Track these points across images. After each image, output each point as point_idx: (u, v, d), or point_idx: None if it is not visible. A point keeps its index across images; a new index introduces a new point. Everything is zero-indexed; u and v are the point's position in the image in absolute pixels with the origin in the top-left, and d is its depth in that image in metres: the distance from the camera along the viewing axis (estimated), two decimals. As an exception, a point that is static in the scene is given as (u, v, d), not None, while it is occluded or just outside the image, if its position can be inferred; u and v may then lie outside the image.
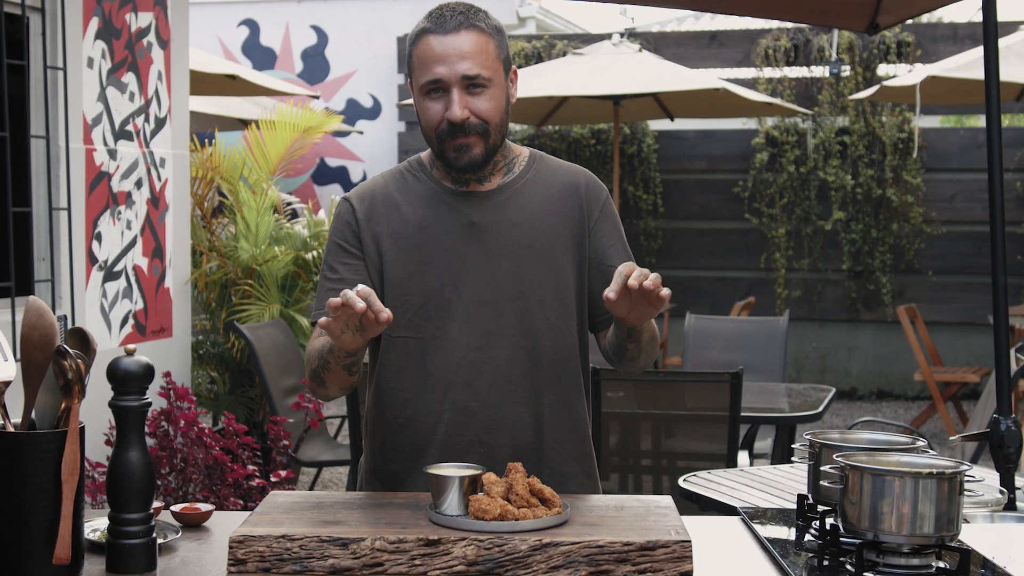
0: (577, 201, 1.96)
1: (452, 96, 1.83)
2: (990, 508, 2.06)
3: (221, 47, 9.96)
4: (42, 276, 4.10)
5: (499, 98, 1.87)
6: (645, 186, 8.93)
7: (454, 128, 1.84)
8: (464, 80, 1.83)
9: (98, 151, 4.35)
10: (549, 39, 9.35)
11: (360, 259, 1.92)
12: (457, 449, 1.88)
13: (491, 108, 1.86)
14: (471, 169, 1.88)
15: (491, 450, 1.88)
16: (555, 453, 1.92)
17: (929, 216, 8.49)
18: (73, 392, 1.53)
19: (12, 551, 1.49)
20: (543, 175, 1.97)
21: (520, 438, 1.89)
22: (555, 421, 1.92)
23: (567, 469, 1.93)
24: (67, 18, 4.10)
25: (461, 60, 1.83)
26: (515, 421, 1.89)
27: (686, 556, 1.51)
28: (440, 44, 1.84)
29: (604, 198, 1.99)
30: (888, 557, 1.53)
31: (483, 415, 1.89)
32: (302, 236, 5.90)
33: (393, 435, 1.93)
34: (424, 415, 1.90)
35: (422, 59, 1.86)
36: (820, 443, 1.74)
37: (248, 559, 1.51)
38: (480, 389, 1.88)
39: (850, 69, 8.58)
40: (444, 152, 1.87)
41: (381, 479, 1.95)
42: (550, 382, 1.91)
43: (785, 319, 5.50)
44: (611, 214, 1.99)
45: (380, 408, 1.95)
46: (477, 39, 1.85)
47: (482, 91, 1.85)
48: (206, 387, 5.75)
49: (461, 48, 1.83)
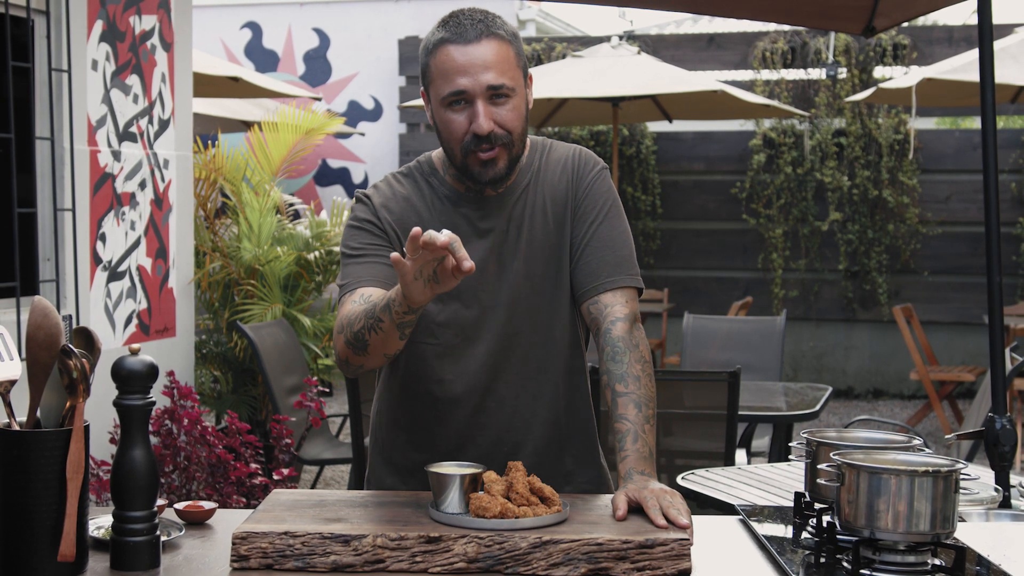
0: (565, 180, 1.92)
1: (477, 108, 1.78)
2: (985, 506, 2.06)
3: (224, 50, 9.98)
4: (47, 276, 4.11)
5: (521, 107, 1.84)
6: (644, 187, 8.95)
7: (479, 140, 1.79)
8: (489, 91, 1.78)
9: (102, 152, 4.37)
10: (549, 42, 9.36)
11: (385, 240, 1.88)
12: (481, 449, 1.90)
13: (515, 118, 1.82)
14: (495, 183, 1.84)
15: (514, 448, 1.90)
16: (574, 441, 1.95)
17: (925, 217, 8.52)
18: (78, 391, 1.54)
19: (17, 548, 1.49)
20: (546, 167, 1.94)
21: (541, 430, 1.92)
22: (571, 408, 1.95)
23: (590, 454, 1.97)
24: (71, 21, 4.12)
25: (485, 71, 1.78)
26: (534, 415, 1.91)
27: (684, 554, 1.52)
28: (462, 54, 1.78)
29: (593, 175, 1.93)
30: (884, 554, 1.53)
31: (503, 414, 1.90)
32: (304, 237, 5.92)
33: (409, 448, 1.94)
34: (444, 418, 1.90)
35: (443, 70, 1.80)
36: (817, 441, 1.74)
37: (251, 555, 1.52)
38: (498, 389, 1.90)
39: (847, 71, 8.60)
40: (468, 167, 1.82)
41: (397, 470, 1.96)
42: (563, 371, 1.93)
43: (782, 319, 5.51)
44: (598, 191, 1.92)
45: (395, 411, 1.95)
46: (499, 48, 1.80)
47: (506, 101, 1.80)
48: (209, 386, 5.77)
49: (484, 58, 1.78)
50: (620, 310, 1.86)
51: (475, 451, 1.90)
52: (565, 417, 1.94)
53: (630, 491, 1.65)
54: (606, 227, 1.91)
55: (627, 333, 1.84)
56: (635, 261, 1.94)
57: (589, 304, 1.89)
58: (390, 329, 1.68)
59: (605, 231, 1.91)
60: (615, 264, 1.89)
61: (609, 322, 1.86)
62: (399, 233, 1.89)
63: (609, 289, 1.88)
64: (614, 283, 1.88)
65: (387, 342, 1.71)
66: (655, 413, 1.82)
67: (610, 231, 1.91)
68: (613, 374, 1.82)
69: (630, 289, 1.90)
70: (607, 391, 1.83)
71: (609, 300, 1.87)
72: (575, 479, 1.94)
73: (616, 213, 1.93)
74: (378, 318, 1.68)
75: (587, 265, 1.90)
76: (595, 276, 1.89)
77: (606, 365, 1.84)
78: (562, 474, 1.92)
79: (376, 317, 1.69)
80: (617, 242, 1.91)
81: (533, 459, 1.89)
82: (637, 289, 1.92)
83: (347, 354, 1.77)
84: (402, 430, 1.96)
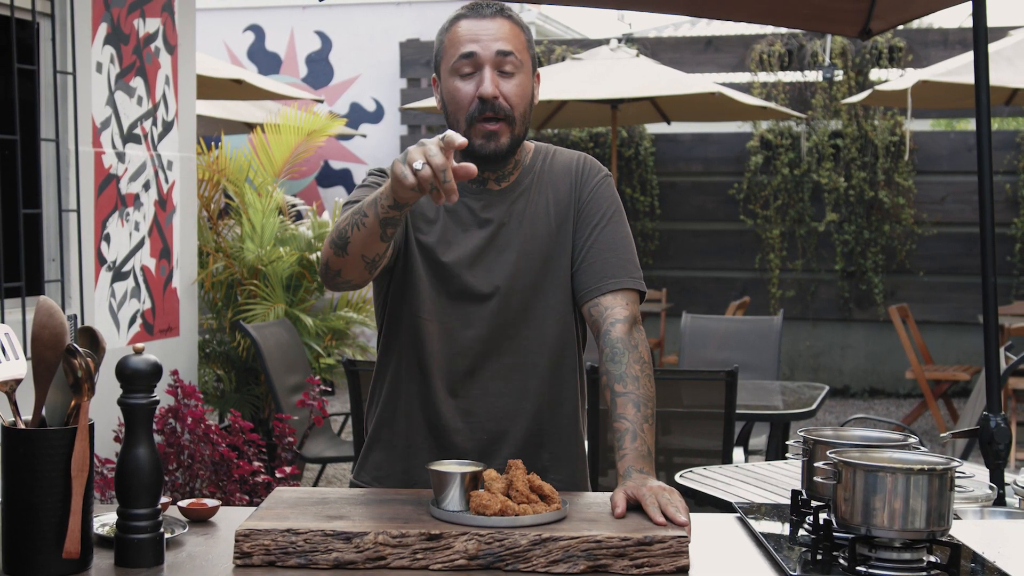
0: (569, 182, 1.95)
1: (484, 74, 1.83)
2: (980, 504, 2.06)
3: (227, 52, 10.01)
4: (52, 276, 4.14)
5: (527, 87, 1.88)
6: (642, 188, 8.97)
7: (484, 106, 1.83)
8: (498, 57, 1.83)
9: (107, 154, 4.39)
10: (548, 44, 9.39)
11: None
12: (462, 435, 1.91)
13: (519, 94, 1.85)
14: (496, 158, 1.86)
15: (494, 437, 1.92)
16: (553, 438, 1.96)
17: (920, 218, 8.55)
18: (83, 390, 1.54)
19: (23, 545, 1.50)
20: (550, 169, 1.96)
21: (523, 423, 1.93)
22: (555, 405, 1.95)
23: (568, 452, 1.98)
24: (76, 24, 4.13)
25: (496, 40, 1.84)
26: (517, 408, 1.93)
27: (682, 551, 1.53)
28: (476, 26, 1.85)
29: (597, 180, 1.96)
30: (880, 551, 1.53)
31: (485, 402, 1.92)
32: (306, 237, 5.94)
33: (397, 429, 1.96)
34: (429, 399, 1.92)
35: (455, 39, 1.86)
36: (814, 440, 1.74)
37: (254, 552, 1.53)
38: (484, 377, 1.91)
39: (843, 74, 8.63)
40: (471, 139, 1.83)
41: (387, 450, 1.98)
42: (550, 367, 1.94)
43: (779, 318, 5.53)
44: (602, 196, 1.95)
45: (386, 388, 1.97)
46: (512, 27, 1.87)
47: (512, 76, 1.84)
48: (212, 385, 5.78)
49: (497, 31, 1.85)
50: (620, 312, 1.88)
51: (456, 436, 1.91)
52: (548, 413, 1.95)
53: (629, 489, 1.66)
54: (609, 231, 1.93)
55: (626, 334, 1.86)
56: (637, 265, 1.96)
57: (590, 306, 1.91)
58: (373, 225, 1.66)
59: (608, 235, 1.93)
60: (616, 267, 1.91)
61: (609, 323, 1.87)
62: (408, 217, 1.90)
63: (610, 291, 1.90)
64: (615, 285, 1.90)
65: (368, 241, 1.68)
66: (654, 412, 1.83)
67: (612, 235, 1.93)
68: (612, 374, 1.83)
69: (631, 292, 1.91)
70: (606, 391, 1.85)
71: (609, 302, 1.89)
72: (547, 476, 1.93)
73: (619, 219, 1.96)
74: (363, 213, 1.67)
75: (589, 268, 1.92)
76: (596, 278, 1.91)
77: (605, 366, 1.85)
78: (537, 470, 1.92)
79: (362, 212, 1.68)
80: (619, 246, 1.93)
81: (511, 451, 1.91)
82: (639, 292, 1.93)
83: (328, 256, 1.75)
84: (388, 408, 1.97)
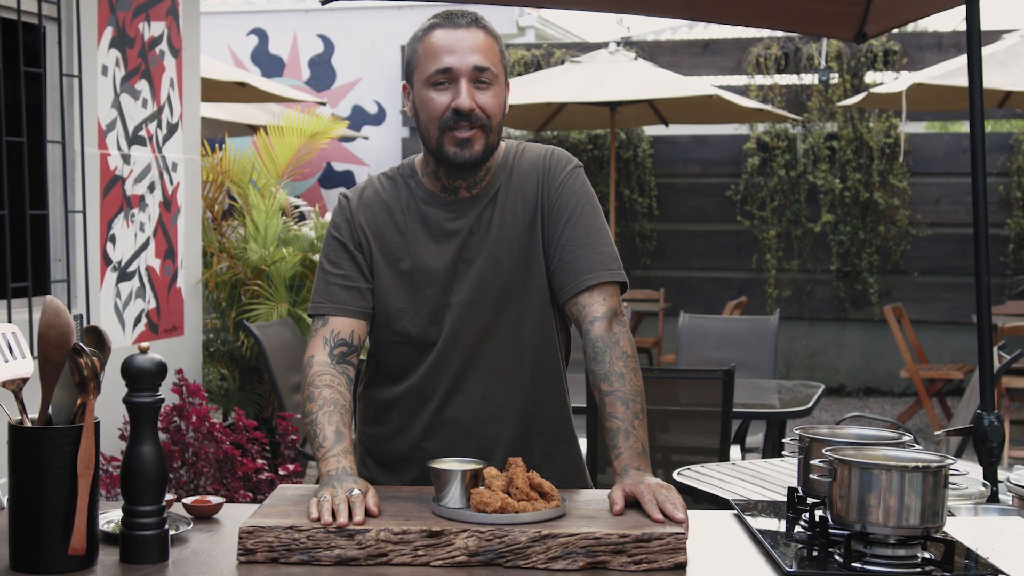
0: (535, 180, 1.92)
1: (460, 86, 1.81)
2: (974, 501, 2.06)
3: (231, 55, 10.05)
4: (58, 276, 4.15)
5: (501, 97, 1.86)
6: (640, 190, 8.99)
7: (459, 116, 1.81)
8: (474, 72, 1.81)
9: (112, 156, 4.41)
10: (548, 47, 9.42)
11: (359, 256, 1.91)
12: (450, 442, 1.92)
13: (495, 105, 1.84)
14: (470, 166, 1.84)
15: (483, 442, 1.92)
16: (543, 438, 1.96)
17: (915, 218, 8.59)
18: (89, 388, 1.55)
19: (30, 542, 1.51)
20: (518, 168, 1.94)
21: (511, 426, 1.93)
22: (541, 406, 1.95)
23: (559, 451, 1.98)
24: (82, 27, 4.15)
25: (472, 53, 1.82)
26: (502, 411, 1.92)
27: (680, 547, 1.54)
28: (451, 36, 1.83)
29: (564, 174, 1.92)
30: (875, 548, 1.54)
31: (470, 410, 1.91)
32: (309, 238, 5.96)
33: (385, 441, 1.97)
34: (413, 410, 1.93)
35: (430, 50, 1.83)
36: (810, 438, 1.75)
37: (257, 549, 1.54)
38: (465, 385, 1.91)
39: (838, 76, 8.67)
40: (443, 148, 1.83)
41: (379, 462, 2.00)
42: (534, 369, 1.93)
43: (776, 318, 5.54)
44: (570, 190, 1.91)
45: (372, 402, 1.99)
46: (486, 38, 1.85)
47: (488, 87, 1.83)
48: (217, 384, 5.80)
49: (472, 42, 1.83)
50: (598, 309, 1.85)
51: (442, 443, 1.91)
52: (535, 414, 1.94)
53: (626, 486, 1.67)
54: (581, 225, 1.90)
55: (606, 331, 1.83)
56: (614, 255, 1.91)
57: (570, 305, 1.89)
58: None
59: (580, 229, 1.89)
60: (592, 261, 1.88)
61: (588, 322, 1.85)
62: (370, 239, 1.91)
63: (586, 288, 1.87)
64: (591, 280, 1.87)
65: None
66: (644, 407, 1.81)
67: (585, 228, 1.90)
68: (596, 374, 1.82)
69: (609, 285, 1.88)
70: (594, 392, 1.83)
71: (587, 300, 1.87)
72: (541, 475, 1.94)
73: (591, 211, 1.91)
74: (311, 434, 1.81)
75: (564, 265, 1.89)
76: (572, 275, 1.88)
77: (589, 366, 1.84)
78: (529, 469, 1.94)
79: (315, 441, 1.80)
80: (593, 239, 1.89)
81: (501, 454, 1.90)
82: (619, 284, 1.90)
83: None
84: (376, 421, 1.98)
